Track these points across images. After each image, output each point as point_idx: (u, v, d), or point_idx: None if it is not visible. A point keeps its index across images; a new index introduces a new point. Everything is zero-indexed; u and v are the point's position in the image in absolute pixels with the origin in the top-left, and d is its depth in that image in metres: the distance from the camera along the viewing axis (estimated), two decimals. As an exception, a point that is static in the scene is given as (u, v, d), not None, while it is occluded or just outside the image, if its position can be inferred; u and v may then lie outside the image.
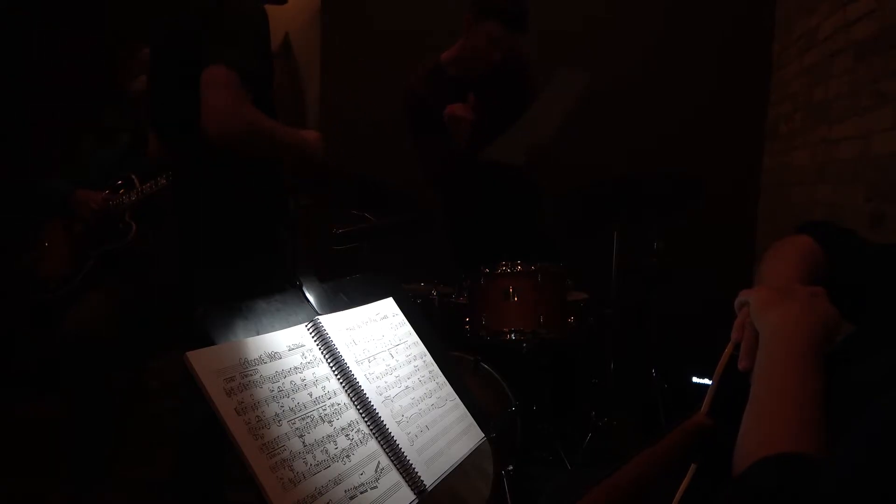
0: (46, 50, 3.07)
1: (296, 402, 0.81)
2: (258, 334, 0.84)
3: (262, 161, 1.67)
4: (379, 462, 0.85)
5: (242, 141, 1.48)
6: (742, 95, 3.10)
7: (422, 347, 1.12)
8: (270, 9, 1.61)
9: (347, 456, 0.82)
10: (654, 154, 2.96)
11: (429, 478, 0.90)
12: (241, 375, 0.77)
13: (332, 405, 0.86)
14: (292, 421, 0.79)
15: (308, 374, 0.86)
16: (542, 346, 2.10)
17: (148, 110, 1.81)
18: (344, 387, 0.90)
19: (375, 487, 0.82)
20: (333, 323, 0.96)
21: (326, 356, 0.90)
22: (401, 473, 0.87)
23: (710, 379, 0.78)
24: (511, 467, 1.04)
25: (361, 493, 0.80)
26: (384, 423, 0.90)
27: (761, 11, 3.07)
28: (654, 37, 3.12)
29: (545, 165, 2.63)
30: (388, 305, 1.12)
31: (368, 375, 0.95)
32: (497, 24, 2.20)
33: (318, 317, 0.94)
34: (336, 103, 3.41)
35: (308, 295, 0.97)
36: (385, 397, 0.95)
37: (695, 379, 2.53)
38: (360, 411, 0.89)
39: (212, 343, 0.78)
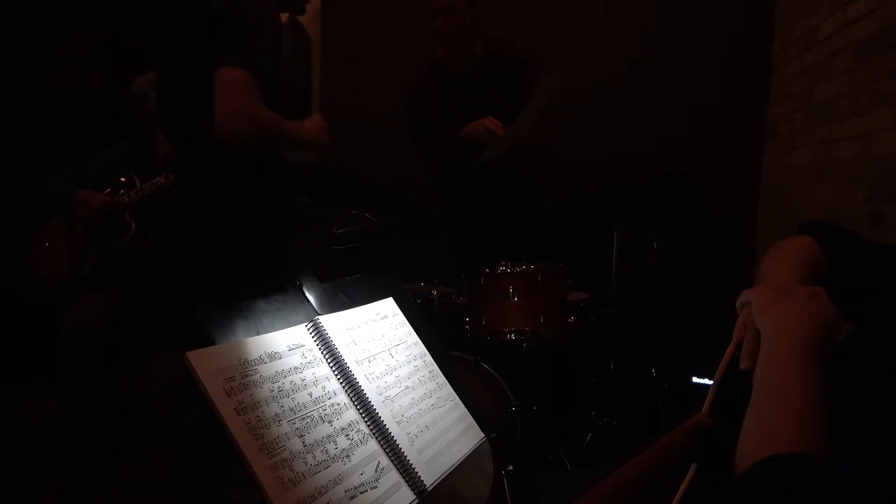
0: (47, 50, 3.07)
1: (296, 402, 0.81)
2: (258, 334, 0.84)
3: (269, 160, 1.67)
4: (379, 462, 0.85)
5: (252, 140, 1.50)
6: (742, 95, 3.10)
7: (422, 347, 1.12)
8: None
9: (347, 456, 0.82)
10: (654, 154, 2.96)
11: (429, 478, 0.89)
12: (241, 375, 0.77)
13: (332, 405, 0.86)
14: (292, 421, 0.79)
15: (308, 374, 0.86)
16: (542, 346, 2.10)
17: (149, 110, 1.82)
18: (344, 387, 0.90)
19: (375, 487, 0.82)
20: (333, 323, 0.96)
21: (326, 356, 0.90)
22: (401, 473, 0.87)
23: (710, 379, 0.78)
24: (511, 467, 1.04)
25: (361, 493, 0.80)
26: (384, 423, 0.90)
27: (761, 11, 3.07)
28: (653, 37, 3.13)
29: (545, 164, 2.64)
30: (388, 305, 1.12)
31: (368, 375, 0.95)
32: None
33: (318, 317, 0.94)
34: (336, 103, 3.41)
35: (308, 295, 0.97)
36: (385, 397, 0.95)
37: (695, 379, 2.53)
38: (360, 411, 0.89)
39: (212, 343, 0.77)
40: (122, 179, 2.32)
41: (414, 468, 0.88)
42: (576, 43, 3.12)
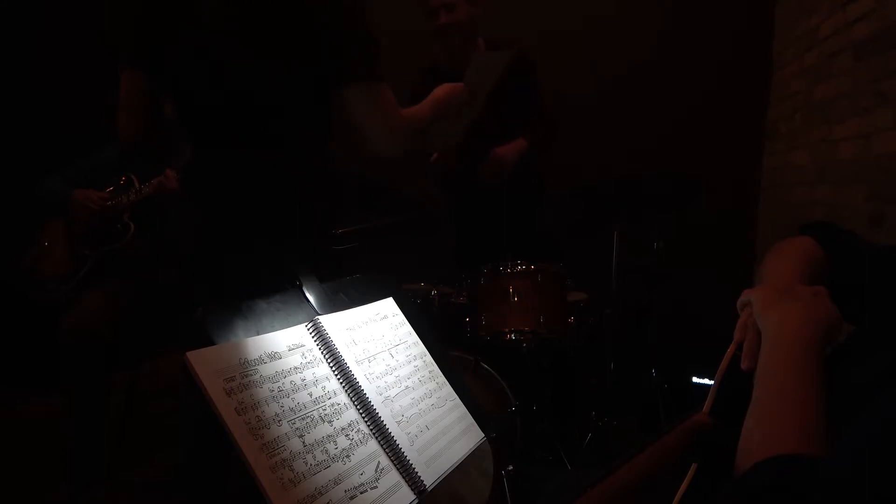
0: (47, 50, 3.07)
1: (296, 402, 0.81)
2: (258, 334, 0.83)
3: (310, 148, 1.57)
4: (379, 462, 0.85)
5: (410, 143, 1.52)
6: (742, 95, 3.11)
7: (422, 347, 1.12)
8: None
9: (347, 456, 0.82)
10: (654, 154, 2.97)
11: (429, 478, 0.89)
12: (241, 375, 0.77)
13: (332, 405, 0.86)
14: (292, 421, 0.79)
15: (308, 374, 0.86)
16: (542, 346, 2.10)
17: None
18: (344, 387, 0.89)
19: (375, 487, 0.82)
20: (333, 323, 0.96)
21: (326, 356, 0.90)
22: (401, 473, 0.87)
23: (710, 379, 0.78)
24: (511, 467, 1.04)
25: (361, 493, 0.80)
26: (384, 423, 0.90)
27: (761, 11, 3.07)
28: (653, 37, 3.13)
29: (546, 163, 2.63)
30: (388, 305, 1.12)
31: (368, 375, 0.95)
32: None
33: (318, 317, 0.93)
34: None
35: (308, 295, 0.97)
36: (385, 397, 0.95)
37: (695, 379, 2.53)
38: (360, 411, 0.89)
39: (212, 343, 0.77)
40: (122, 180, 2.32)
41: (414, 468, 0.88)
42: (575, 42, 3.12)
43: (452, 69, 2.43)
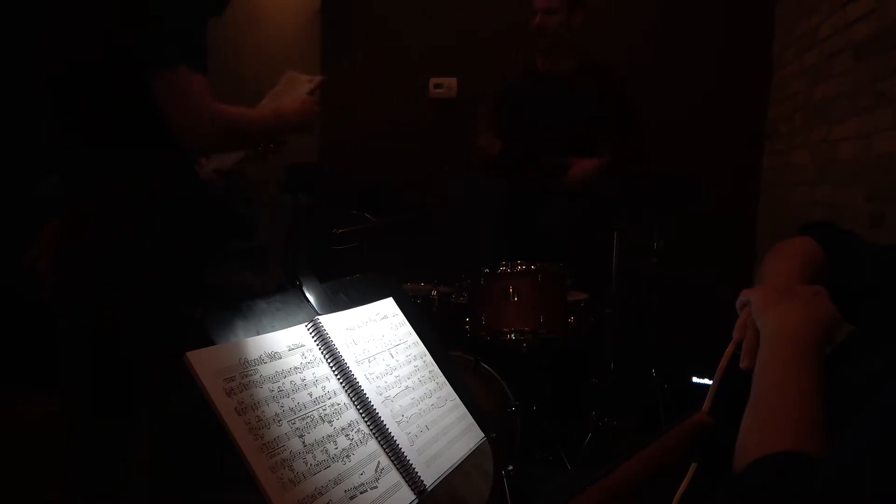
0: (47, 49, 3.06)
1: (296, 402, 0.81)
2: (258, 334, 0.83)
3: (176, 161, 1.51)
4: (379, 462, 0.85)
5: (223, 142, 1.46)
6: (742, 95, 3.11)
7: (422, 347, 1.12)
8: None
9: (347, 456, 0.82)
10: (653, 154, 2.97)
11: (429, 478, 0.89)
12: (241, 375, 0.77)
13: (332, 405, 0.86)
14: (292, 421, 0.79)
15: (308, 374, 0.86)
16: (542, 346, 2.10)
17: None
18: (344, 387, 0.90)
19: (375, 487, 0.82)
20: (333, 323, 0.96)
21: (326, 356, 0.90)
22: (401, 473, 0.87)
23: (710, 379, 0.78)
24: (511, 467, 1.04)
25: (361, 493, 0.80)
26: (384, 423, 0.90)
27: (761, 11, 3.07)
28: (653, 37, 3.13)
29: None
30: (388, 305, 1.12)
31: (368, 375, 0.95)
32: None
33: (318, 317, 0.93)
34: (336, 103, 3.42)
35: (308, 295, 0.97)
36: (385, 397, 0.95)
37: (695, 379, 2.53)
38: (360, 411, 0.89)
39: (212, 343, 0.77)
40: None
41: (414, 468, 0.88)
42: (574, 41, 3.12)
43: (547, 71, 2.48)
